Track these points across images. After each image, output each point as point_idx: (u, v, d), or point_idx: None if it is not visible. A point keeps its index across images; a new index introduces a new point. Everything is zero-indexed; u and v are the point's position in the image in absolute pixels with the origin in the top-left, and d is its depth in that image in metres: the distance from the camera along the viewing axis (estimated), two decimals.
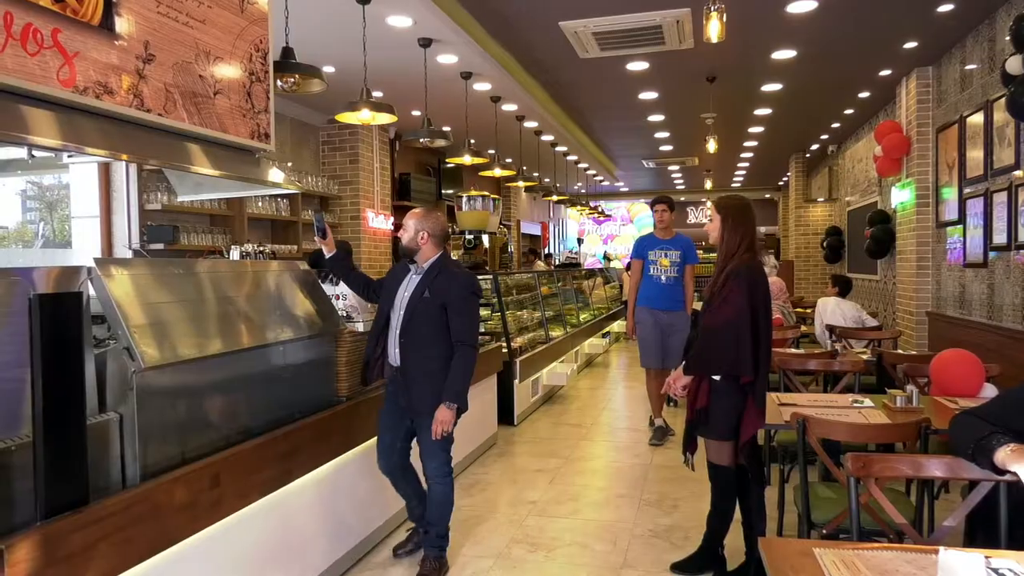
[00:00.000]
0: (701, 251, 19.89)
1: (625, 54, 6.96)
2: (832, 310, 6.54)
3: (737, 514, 3.29)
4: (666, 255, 5.64)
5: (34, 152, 2.53)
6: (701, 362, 3.13)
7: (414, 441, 3.41)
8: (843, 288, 6.76)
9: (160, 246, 5.40)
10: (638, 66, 7.42)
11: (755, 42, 6.73)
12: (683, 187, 19.21)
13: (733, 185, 18.63)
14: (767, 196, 19.76)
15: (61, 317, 1.92)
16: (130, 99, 2.44)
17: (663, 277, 5.61)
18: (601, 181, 16.58)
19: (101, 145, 2.41)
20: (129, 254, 4.45)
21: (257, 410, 2.91)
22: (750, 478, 3.19)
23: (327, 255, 3.53)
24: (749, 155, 13.94)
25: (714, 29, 4.74)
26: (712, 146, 8.64)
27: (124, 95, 2.41)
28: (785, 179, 16.85)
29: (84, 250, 4.44)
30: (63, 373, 1.92)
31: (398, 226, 9.40)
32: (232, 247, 5.66)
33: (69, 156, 2.94)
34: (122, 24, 2.40)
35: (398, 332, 3.24)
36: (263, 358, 2.97)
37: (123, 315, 2.30)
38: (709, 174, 15.54)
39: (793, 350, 5.43)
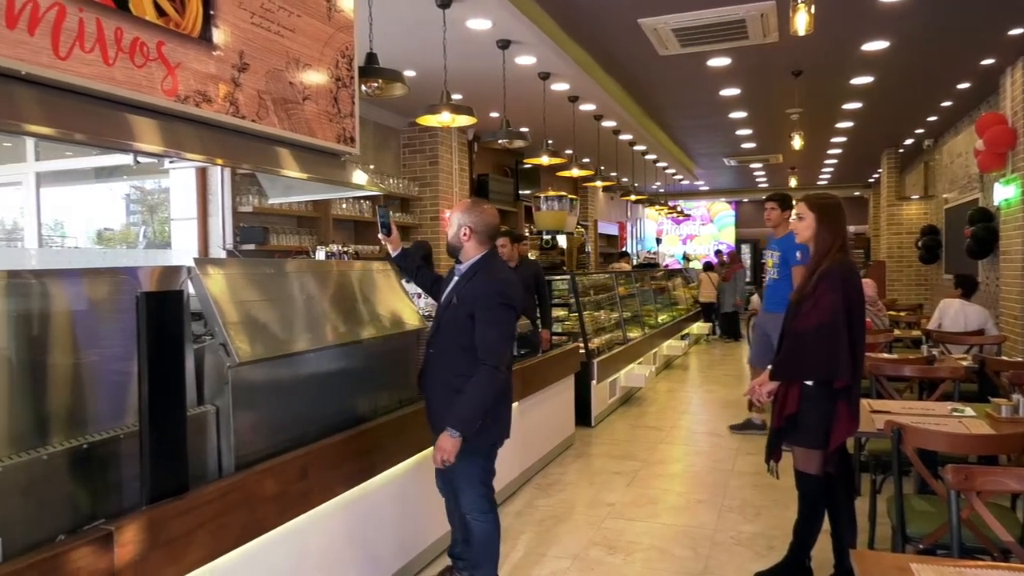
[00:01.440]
0: None
1: (706, 50, 6.81)
2: (955, 314, 6.13)
3: (825, 524, 3.17)
4: (771, 256, 5.49)
5: (139, 158, 2.69)
6: (791, 367, 3.02)
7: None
8: (968, 289, 6.33)
9: (251, 246, 5.64)
10: (720, 62, 7.25)
11: (845, 33, 6.46)
12: (766, 185, 18.63)
13: (819, 182, 17.94)
14: (856, 194, 18.94)
15: (165, 314, 2.03)
16: (226, 106, 2.56)
17: (767, 278, 5.48)
18: (680, 180, 16.27)
19: (199, 151, 2.53)
20: (223, 254, 4.65)
21: (341, 405, 3.00)
22: (840, 487, 3.07)
23: (392, 253, 3.27)
24: (837, 151, 13.40)
25: (801, 21, 4.58)
26: (797, 142, 8.35)
27: (221, 103, 2.53)
28: (876, 176, 16.10)
29: (182, 250, 4.67)
30: (166, 367, 2.03)
31: None
32: (318, 247, 5.86)
33: (171, 162, 3.11)
34: (219, 35, 2.52)
35: (429, 339, 2.93)
36: (347, 355, 3.06)
37: (219, 312, 2.42)
38: (794, 172, 15.01)
39: (886, 355, 5.19)
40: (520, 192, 11.29)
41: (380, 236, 3.19)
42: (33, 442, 2.04)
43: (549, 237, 11.86)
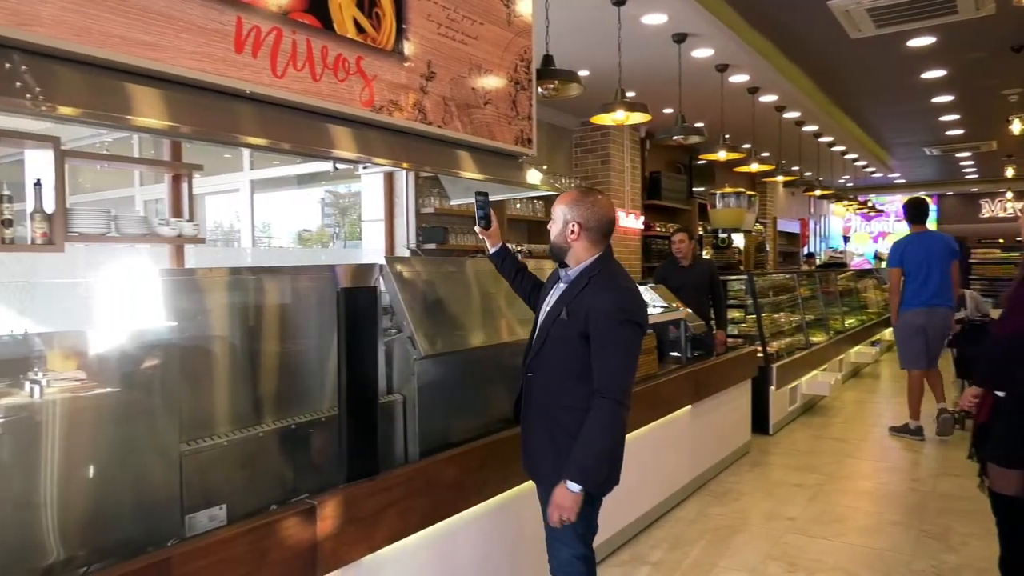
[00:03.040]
0: (998, 250, 17.17)
1: (906, 29, 6.21)
2: None
3: None
4: None
5: (337, 165, 2.93)
6: (984, 374, 2.80)
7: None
8: None
9: (432, 246, 5.94)
10: (922, 41, 6.58)
11: None
12: (975, 176, 16.68)
13: None
14: None
15: (361, 308, 2.20)
16: (415, 114, 2.72)
17: None
18: (872, 172, 15.00)
19: (388, 156, 2.71)
20: (407, 253, 4.95)
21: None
22: None
23: (490, 249, 2.74)
24: None
25: None
26: (1017, 127, 7.41)
27: (410, 111, 2.70)
28: None
29: (372, 249, 5.02)
30: (362, 358, 2.19)
31: (648, 225, 9.39)
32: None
33: (364, 167, 3.36)
34: (409, 47, 2.68)
35: (528, 362, 2.39)
36: (519, 352, 3.13)
37: (407, 308, 2.58)
38: (1011, 160, 13.30)
39: None
40: (693, 189, 10.97)
41: (477, 229, 2.71)
42: (250, 421, 2.29)
43: (725, 236, 11.42)
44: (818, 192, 11.24)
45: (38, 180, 1.93)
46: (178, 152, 3.65)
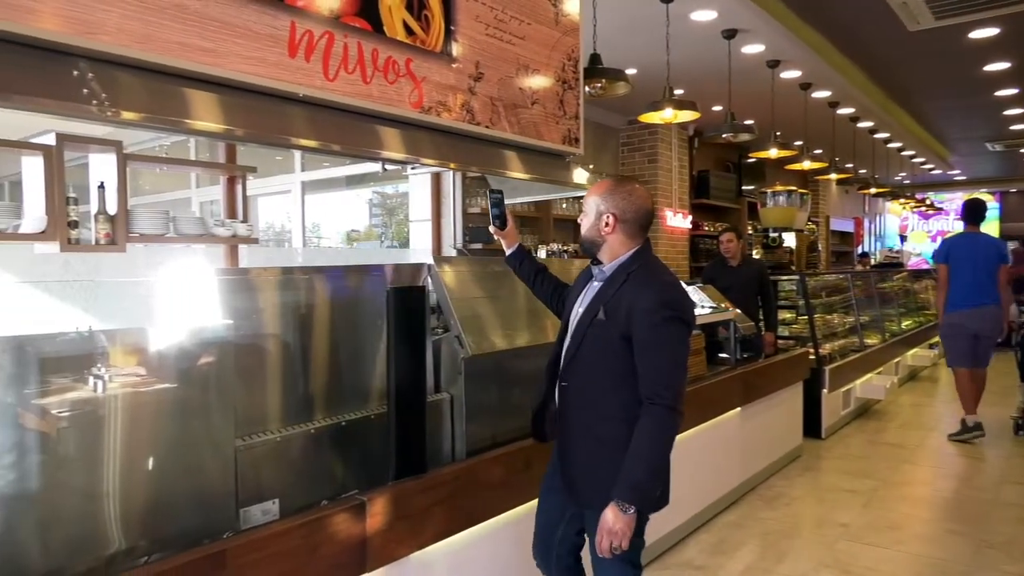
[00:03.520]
0: None
1: (967, 20, 5.99)
2: None
3: None
4: None
5: (386, 166, 2.96)
6: None
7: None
8: None
9: (479, 245, 5.97)
10: (984, 33, 6.34)
11: None
12: None
13: None
14: None
15: (410, 307, 2.23)
16: (463, 114, 2.73)
17: None
18: (931, 169, 14.51)
19: (435, 156, 2.73)
20: (454, 253, 4.98)
21: None
22: None
23: (507, 251, 2.58)
24: None
25: None
26: None
27: (458, 111, 2.71)
28: None
29: (419, 249, 5.06)
30: (411, 356, 2.22)
31: (696, 224, 9.26)
32: (539, 246, 6.05)
33: (412, 168, 3.39)
34: (458, 48, 2.69)
35: (561, 370, 2.20)
36: None
37: (455, 307, 2.59)
38: None
39: None
40: (743, 188, 10.79)
41: (491, 229, 2.53)
42: (302, 417, 2.34)
43: (775, 235, 11.20)
44: (873, 190, 10.94)
45: (102, 183, 2.00)
46: (233, 155, 3.72)
